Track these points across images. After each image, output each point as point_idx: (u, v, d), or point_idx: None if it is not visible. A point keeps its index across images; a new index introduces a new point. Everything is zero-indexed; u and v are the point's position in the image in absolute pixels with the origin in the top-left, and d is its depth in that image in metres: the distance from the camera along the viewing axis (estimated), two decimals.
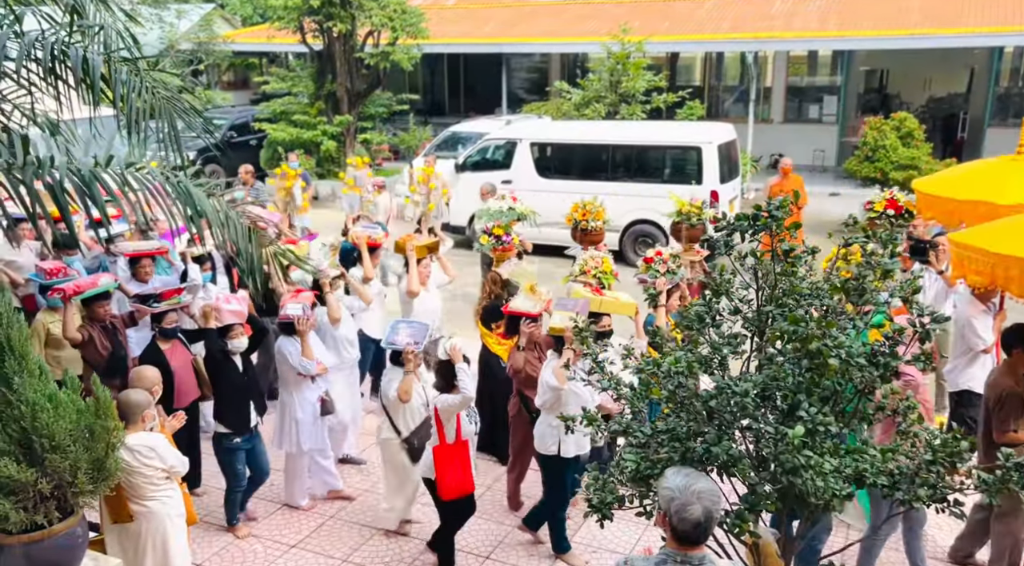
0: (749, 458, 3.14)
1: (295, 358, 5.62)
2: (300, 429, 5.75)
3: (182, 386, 5.65)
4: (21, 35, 4.13)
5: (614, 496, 3.38)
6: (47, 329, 6.08)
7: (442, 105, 24.49)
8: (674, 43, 19.02)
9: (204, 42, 20.92)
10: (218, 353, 5.46)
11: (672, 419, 3.35)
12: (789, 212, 3.26)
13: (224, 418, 5.46)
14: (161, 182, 4.81)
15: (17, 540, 3.33)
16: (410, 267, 6.89)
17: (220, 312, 5.44)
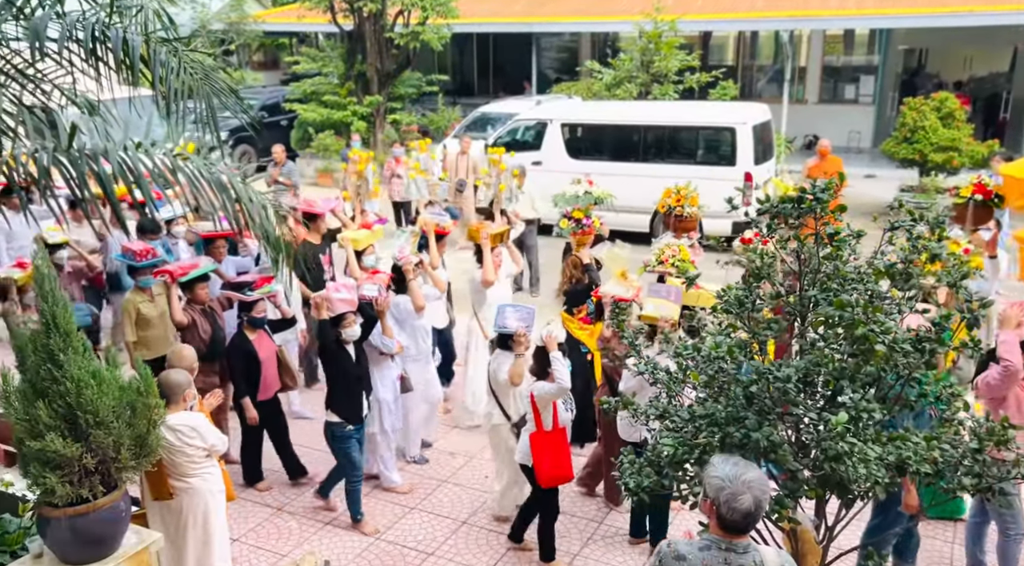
0: (789, 444, 3.10)
1: (376, 337, 5.62)
2: (383, 408, 5.78)
3: (268, 376, 5.72)
4: (62, 16, 4.17)
5: (650, 480, 3.38)
6: (137, 309, 6.17)
7: (471, 85, 24.38)
8: (708, 21, 18.71)
9: (235, 22, 20.99)
10: (331, 343, 5.37)
11: (710, 404, 3.33)
12: (834, 195, 3.20)
13: (338, 407, 5.37)
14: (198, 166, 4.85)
15: (63, 513, 3.40)
16: (484, 256, 6.68)
17: (332, 301, 5.36)
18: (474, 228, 6.94)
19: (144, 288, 6.26)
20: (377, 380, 5.77)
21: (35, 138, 4.64)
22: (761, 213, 3.25)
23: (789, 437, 3.12)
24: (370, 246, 7.11)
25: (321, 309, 5.35)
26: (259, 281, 5.84)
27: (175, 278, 5.82)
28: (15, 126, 4.71)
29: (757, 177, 11.76)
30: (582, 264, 6.58)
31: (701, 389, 3.33)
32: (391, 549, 5.32)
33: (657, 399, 3.52)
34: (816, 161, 11.79)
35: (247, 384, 5.76)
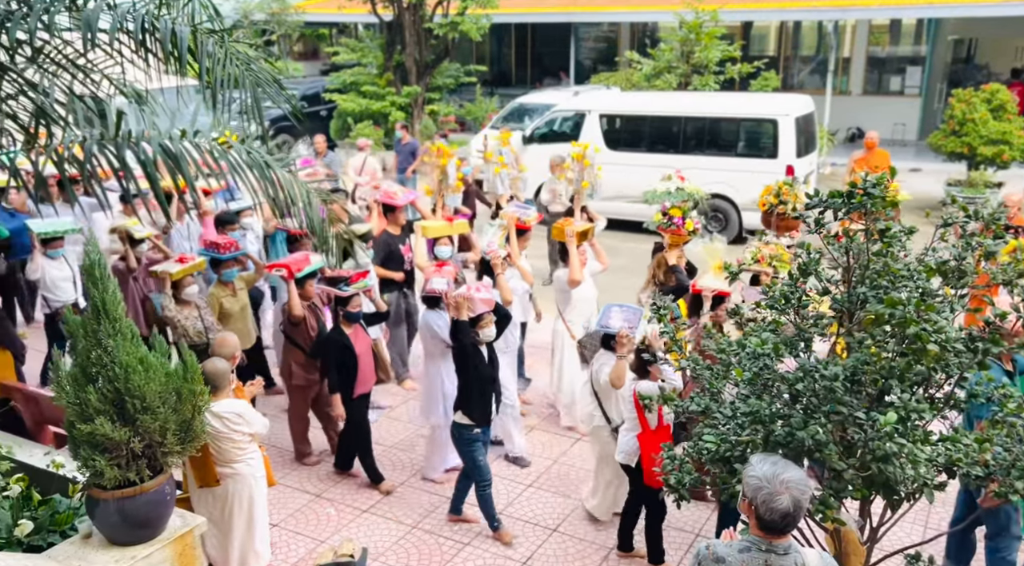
0: (834, 443, 3.05)
1: (445, 331, 5.55)
2: (447, 402, 5.70)
3: (365, 371, 5.71)
4: (113, 7, 4.24)
5: (692, 477, 3.35)
6: (220, 303, 6.24)
7: (509, 76, 24.32)
8: (750, 12, 18.41)
9: (276, 12, 21.20)
10: (469, 343, 5.15)
11: (753, 400, 3.28)
12: (886, 189, 3.13)
13: (470, 409, 5.20)
14: (241, 153, 4.91)
15: (112, 495, 3.47)
16: (570, 255, 6.46)
17: (473, 301, 5.16)
18: (559, 226, 6.74)
19: (227, 282, 6.34)
20: (443, 375, 5.73)
21: (84, 126, 4.74)
22: (809, 207, 3.19)
23: (834, 436, 3.06)
24: (445, 237, 7.07)
25: (461, 309, 5.11)
26: (355, 276, 5.82)
27: (292, 274, 5.80)
28: (66, 115, 4.82)
29: (799, 170, 11.57)
30: (667, 265, 6.32)
31: (744, 386, 3.28)
32: (427, 538, 5.36)
33: (698, 395, 3.49)
34: (863, 154, 11.56)
35: (344, 379, 5.69)
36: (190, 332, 5.98)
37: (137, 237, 7.02)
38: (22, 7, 4.27)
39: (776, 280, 3.52)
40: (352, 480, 6.03)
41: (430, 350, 5.86)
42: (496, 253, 6.09)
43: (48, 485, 4.15)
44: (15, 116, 4.97)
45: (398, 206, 7.41)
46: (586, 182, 7.70)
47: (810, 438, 2.94)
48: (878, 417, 2.82)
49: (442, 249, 6.99)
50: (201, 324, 6.07)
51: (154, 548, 3.58)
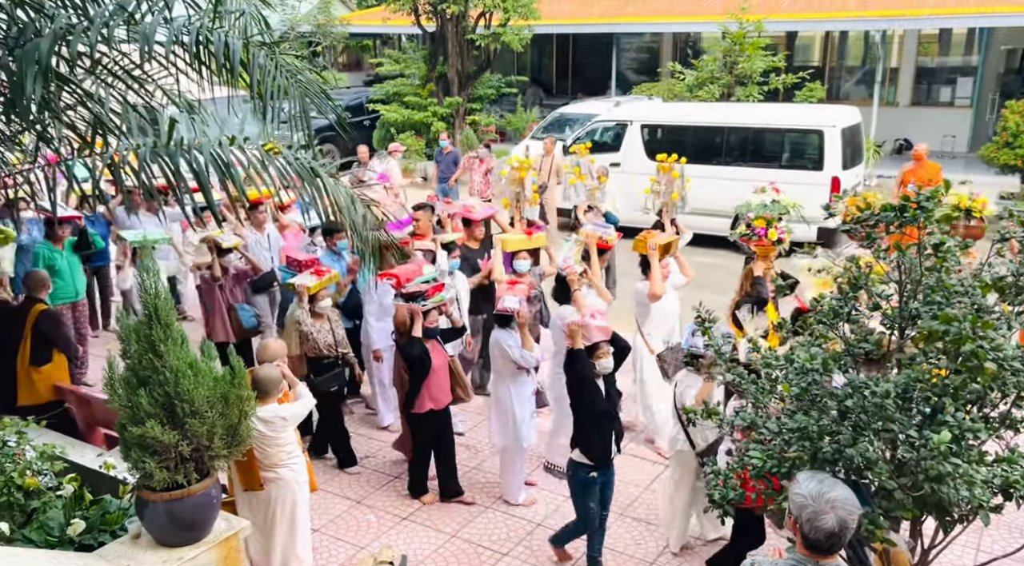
0: (885, 461, 2.98)
1: (515, 351, 5.48)
2: (517, 424, 5.63)
3: (441, 387, 5.64)
4: (169, 21, 4.35)
5: (736, 493, 3.30)
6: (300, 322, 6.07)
7: (550, 86, 24.38)
8: (795, 22, 18.19)
9: (322, 24, 21.56)
10: (586, 375, 4.80)
11: (800, 416, 3.23)
12: (939, 203, 3.07)
13: (588, 447, 4.82)
14: (290, 162, 4.99)
15: (160, 497, 3.53)
16: (652, 268, 6.27)
17: (588, 329, 4.85)
18: (641, 239, 6.56)
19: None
20: (512, 394, 5.63)
21: (138, 135, 4.87)
22: (859, 221, 3.14)
23: (885, 454, 3.00)
24: (523, 251, 6.95)
25: (576, 337, 4.80)
26: (432, 290, 5.74)
27: (401, 283, 5.78)
28: (121, 124, 4.96)
29: (845, 182, 11.39)
30: (752, 276, 6.14)
31: (791, 401, 3.23)
32: (466, 547, 5.36)
33: (744, 409, 3.44)
34: (912, 166, 11.32)
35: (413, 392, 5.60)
36: (320, 345, 5.99)
37: (225, 247, 7.03)
38: (83, 21, 4.41)
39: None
40: (392, 487, 6.07)
41: (500, 370, 5.73)
42: (572, 269, 5.93)
43: (99, 485, 4.25)
44: (73, 126, 5.13)
45: (476, 220, 7.35)
46: (675, 194, 7.54)
47: (859, 456, 2.88)
48: (931, 436, 2.76)
49: (521, 263, 6.85)
50: (332, 337, 6.10)
51: (200, 550, 3.64)
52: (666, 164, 7.64)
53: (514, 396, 5.65)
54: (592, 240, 6.66)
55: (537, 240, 7.24)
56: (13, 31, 4.46)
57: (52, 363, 5.86)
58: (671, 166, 7.60)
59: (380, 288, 6.49)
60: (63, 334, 6.01)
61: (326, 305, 6.15)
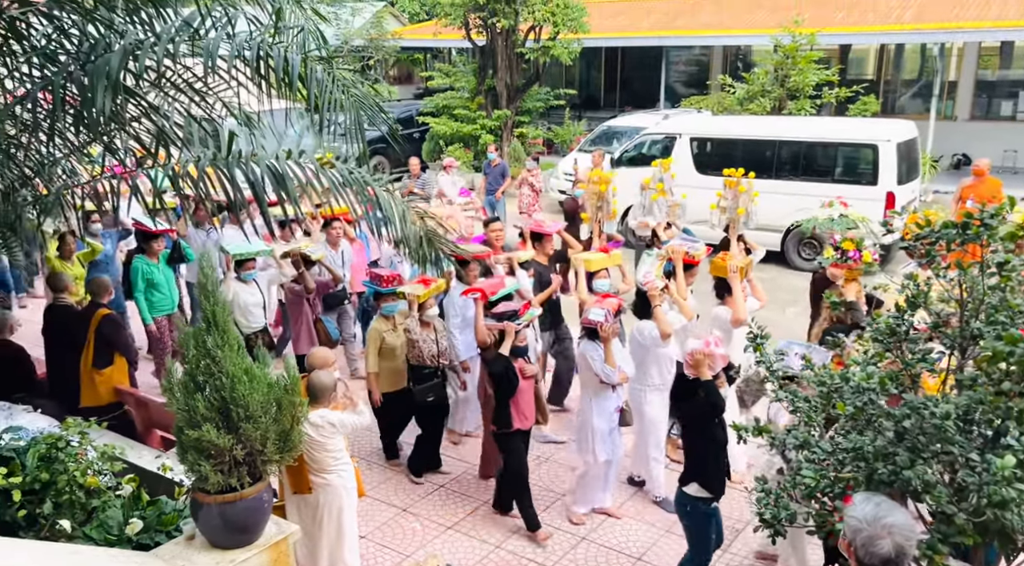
0: (944, 485, 2.91)
1: (598, 364, 5.40)
2: (596, 437, 5.52)
3: (526, 408, 5.55)
4: (232, 37, 4.48)
5: (788, 512, 3.25)
6: (382, 339, 6.16)
7: (597, 99, 24.39)
8: (850, 35, 17.92)
9: (375, 38, 21.94)
10: (706, 406, 4.58)
11: (854, 436, 3.17)
12: (1003, 220, 2.99)
13: (706, 479, 4.62)
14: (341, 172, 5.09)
15: (214, 500, 3.61)
16: (734, 292, 6.06)
17: (714, 358, 4.63)
18: (719, 260, 6.37)
19: (388, 316, 6.23)
20: (593, 408, 5.53)
21: (199, 147, 5.02)
22: (920, 238, 3.08)
23: (944, 477, 2.92)
24: (603, 270, 6.78)
25: (701, 366, 4.59)
26: (522, 308, 5.68)
27: (486, 297, 5.76)
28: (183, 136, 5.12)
29: (900, 198, 11.15)
30: (846, 302, 5.78)
31: (846, 420, 3.17)
32: (510, 558, 5.36)
33: (796, 428, 3.39)
34: (971, 181, 11.02)
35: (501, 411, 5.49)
36: (424, 354, 6.01)
37: (312, 259, 7.02)
38: (149, 37, 4.57)
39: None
40: (437, 495, 6.11)
41: (585, 383, 5.65)
42: (653, 284, 5.77)
43: (156, 486, 4.36)
44: (138, 137, 5.31)
45: (547, 234, 7.27)
46: (742, 209, 7.36)
47: (917, 479, 2.81)
48: (994, 460, 2.68)
49: (600, 283, 6.65)
50: (436, 347, 6.10)
51: (251, 553, 3.70)
52: (732, 178, 7.49)
53: (595, 409, 5.53)
54: (678, 256, 6.47)
55: (615, 258, 7.03)
56: (85, 46, 4.65)
57: (113, 366, 6.06)
58: (738, 180, 7.46)
59: (462, 301, 6.46)
60: (124, 338, 6.20)
61: (433, 314, 6.18)
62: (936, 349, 3.23)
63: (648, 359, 5.82)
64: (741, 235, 7.25)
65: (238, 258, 6.98)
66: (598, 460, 5.58)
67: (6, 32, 4.63)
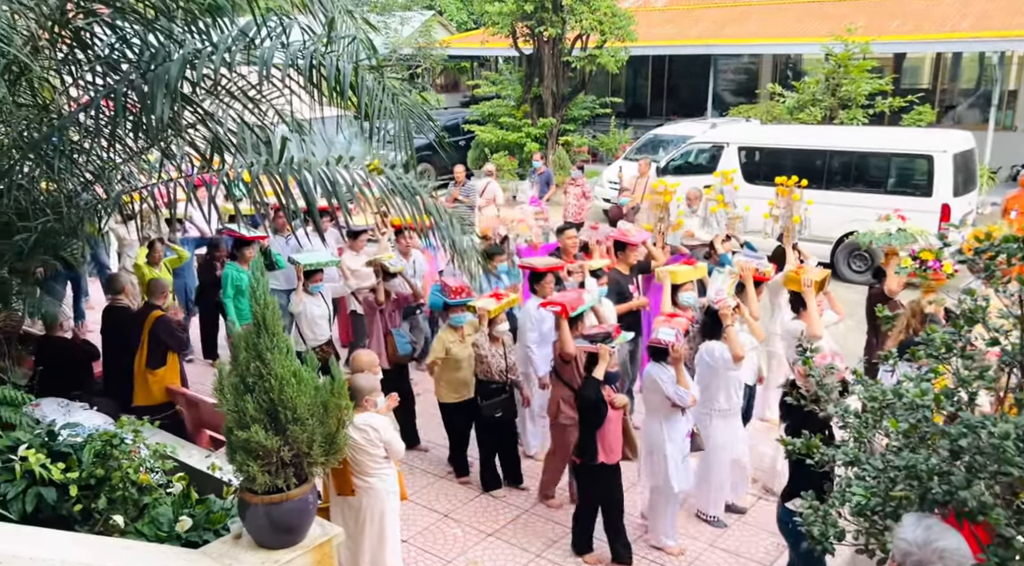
0: (1002, 506, 2.81)
1: (669, 387, 5.17)
2: (668, 464, 5.30)
3: (614, 440, 5.21)
4: (286, 46, 4.59)
5: (836, 530, 3.18)
6: (447, 349, 6.12)
7: (644, 107, 24.28)
8: (905, 43, 17.53)
9: (422, 47, 22.18)
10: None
11: (907, 453, 3.09)
12: None
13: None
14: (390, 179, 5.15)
15: (261, 500, 3.67)
16: (808, 306, 5.84)
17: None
18: (793, 274, 6.13)
19: (456, 327, 6.17)
20: (664, 433, 5.30)
21: (252, 153, 5.13)
22: (979, 252, 2.99)
23: (1002, 498, 2.83)
24: (689, 283, 6.54)
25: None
26: (616, 329, 5.46)
27: (567, 311, 5.58)
28: (236, 142, 5.24)
29: (956, 210, 10.86)
30: (922, 314, 5.62)
31: (898, 437, 3.10)
32: None
33: (846, 444, 3.32)
34: (1016, 192, 10.70)
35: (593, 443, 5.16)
36: (493, 370, 5.93)
37: (391, 271, 6.94)
38: (206, 46, 4.70)
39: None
40: (478, 502, 6.12)
41: (653, 406, 5.39)
42: (725, 303, 5.59)
43: (204, 485, 4.45)
44: (193, 143, 5.46)
45: (632, 244, 7.06)
46: (797, 217, 7.21)
47: (974, 499, 2.72)
48: None
49: (687, 295, 6.42)
50: (504, 362, 6.01)
51: (296, 554, 3.75)
52: (785, 187, 7.34)
53: (666, 435, 5.30)
54: (748, 273, 6.25)
55: (701, 270, 6.77)
56: (145, 55, 4.80)
57: (166, 366, 6.21)
58: (791, 189, 7.29)
59: (539, 314, 6.37)
60: (177, 338, 6.35)
61: (504, 329, 6.08)
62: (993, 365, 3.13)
63: (716, 382, 5.60)
64: (795, 244, 7.11)
65: (307, 269, 6.92)
66: (670, 486, 5.32)
67: (72, 42, 4.80)
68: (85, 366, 6.35)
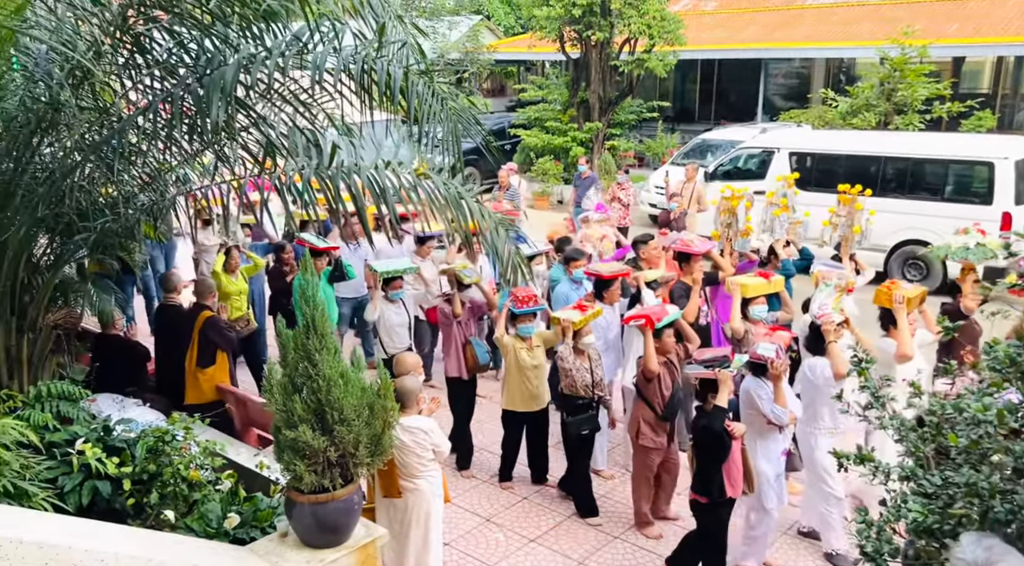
0: None
1: (766, 404, 5.00)
2: (763, 483, 5.12)
3: (737, 472, 4.90)
4: (338, 51, 4.64)
5: (891, 546, 3.08)
6: (516, 351, 6.03)
7: (692, 112, 24.05)
8: (965, 47, 17.05)
9: (470, 52, 22.30)
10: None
11: (967, 470, 2.98)
12: None
13: None
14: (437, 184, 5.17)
15: (307, 499, 3.71)
16: (899, 325, 5.54)
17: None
18: (884, 289, 5.79)
19: (524, 337, 6.05)
20: (758, 450, 5.16)
21: (303, 156, 5.20)
22: None
23: None
24: (760, 297, 6.28)
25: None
26: (731, 352, 5.25)
27: (652, 324, 5.41)
28: (287, 145, 5.32)
29: (1017, 219, 10.50)
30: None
31: (957, 453, 2.99)
32: None
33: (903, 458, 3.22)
34: None
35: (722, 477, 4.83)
36: (578, 384, 5.73)
37: (466, 282, 6.74)
38: (260, 51, 4.78)
39: None
40: (521, 507, 6.10)
41: (749, 423, 5.16)
42: (830, 318, 5.33)
43: (251, 483, 4.52)
44: (246, 146, 5.55)
45: (696, 254, 6.84)
46: (858, 227, 6.99)
47: None
48: None
49: (758, 309, 6.20)
50: (590, 377, 5.80)
51: (341, 553, 3.78)
52: (848, 195, 7.12)
53: (760, 452, 5.16)
54: (847, 285, 5.97)
55: (777, 284, 6.50)
56: (202, 60, 4.90)
57: (215, 365, 6.33)
58: (854, 197, 7.06)
59: (604, 321, 6.27)
60: (226, 338, 6.46)
61: (590, 341, 5.83)
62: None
63: (819, 400, 5.32)
64: (853, 254, 6.89)
65: (386, 276, 6.82)
66: (764, 507, 5.15)
67: (132, 47, 4.93)
68: (139, 363, 6.51)
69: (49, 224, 5.15)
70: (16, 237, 4.88)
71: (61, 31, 4.81)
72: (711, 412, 4.84)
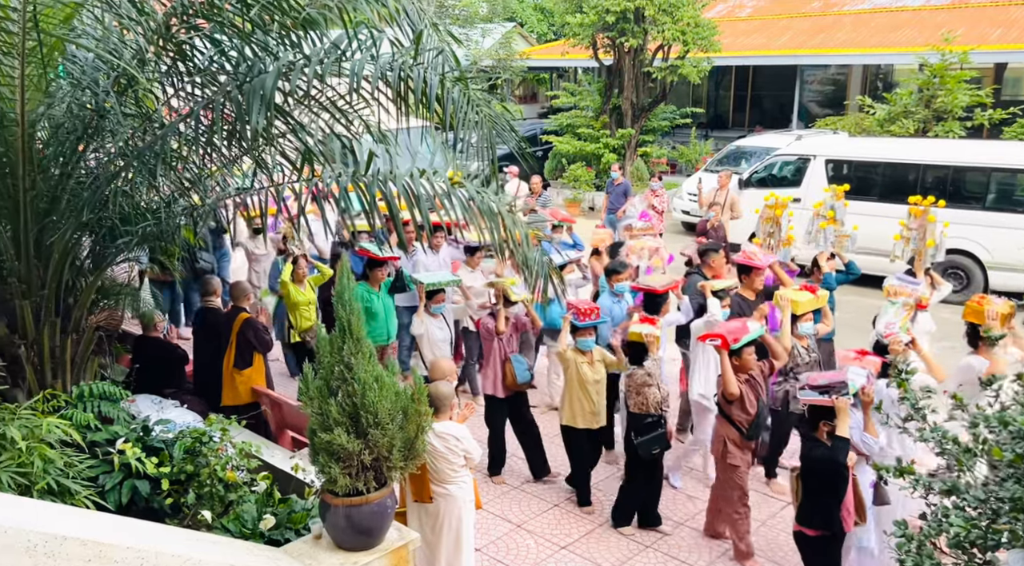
0: None
1: (855, 433, 4.73)
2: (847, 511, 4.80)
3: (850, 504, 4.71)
4: (375, 59, 4.69)
5: (932, 561, 3.03)
6: (577, 365, 5.93)
7: (725, 119, 23.89)
8: (1008, 53, 16.71)
9: (503, 59, 22.40)
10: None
11: (1011, 484, 2.92)
12: None
13: None
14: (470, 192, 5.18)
15: (341, 502, 3.74)
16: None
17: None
18: (975, 304, 5.53)
19: (585, 351, 5.95)
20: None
21: (339, 163, 5.26)
22: None
23: None
24: (808, 313, 6.12)
25: None
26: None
27: (728, 344, 5.22)
28: (323, 152, 5.38)
29: None
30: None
31: (1003, 468, 2.93)
32: None
33: (945, 471, 3.16)
34: None
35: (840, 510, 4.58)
36: (649, 401, 5.58)
37: (512, 299, 6.65)
38: (299, 58, 4.85)
39: None
40: (551, 514, 6.08)
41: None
42: (897, 338, 5.18)
43: (286, 485, 4.57)
44: (284, 153, 5.63)
45: (758, 267, 6.62)
46: (931, 240, 6.81)
47: None
48: None
49: (806, 326, 6.06)
50: (659, 393, 5.66)
51: (374, 556, 3.81)
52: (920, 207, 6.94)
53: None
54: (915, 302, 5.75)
55: (823, 299, 6.36)
56: (242, 67, 4.98)
57: (252, 367, 6.42)
58: (927, 209, 6.88)
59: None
60: (263, 340, 6.55)
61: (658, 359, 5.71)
62: None
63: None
64: (928, 269, 6.64)
65: (430, 288, 6.77)
66: (860, 544, 4.91)
67: (175, 55, 5.03)
68: (178, 365, 6.62)
69: (93, 228, 5.26)
70: (62, 241, 4.99)
71: (107, 39, 4.93)
72: (834, 444, 4.53)
